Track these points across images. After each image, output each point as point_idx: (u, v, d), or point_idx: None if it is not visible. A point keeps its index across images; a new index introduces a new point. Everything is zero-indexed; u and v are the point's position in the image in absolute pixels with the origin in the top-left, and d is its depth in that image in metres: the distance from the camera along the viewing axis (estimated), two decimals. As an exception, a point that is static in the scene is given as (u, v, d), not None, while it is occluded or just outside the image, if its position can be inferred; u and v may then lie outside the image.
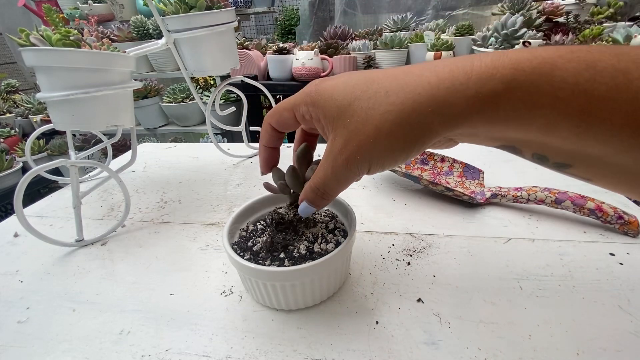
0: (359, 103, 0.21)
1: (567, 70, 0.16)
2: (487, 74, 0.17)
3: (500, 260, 0.35)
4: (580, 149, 0.18)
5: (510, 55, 0.17)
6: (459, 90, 0.18)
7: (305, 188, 0.26)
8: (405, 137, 0.20)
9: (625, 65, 0.15)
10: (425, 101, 0.19)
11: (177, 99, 1.69)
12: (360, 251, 0.38)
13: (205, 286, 0.34)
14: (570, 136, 0.17)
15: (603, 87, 0.15)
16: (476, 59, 0.18)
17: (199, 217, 0.47)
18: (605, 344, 0.26)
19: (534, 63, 0.16)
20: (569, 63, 0.16)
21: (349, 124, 0.21)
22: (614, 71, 0.15)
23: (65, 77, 0.37)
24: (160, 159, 0.68)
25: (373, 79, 0.21)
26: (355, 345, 0.27)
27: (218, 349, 0.28)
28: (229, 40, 0.53)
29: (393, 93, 0.20)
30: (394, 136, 0.20)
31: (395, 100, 0.19)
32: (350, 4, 2.08)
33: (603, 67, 0.15)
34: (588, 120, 0.16)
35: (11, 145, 1.69)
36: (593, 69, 0.15)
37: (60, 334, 0.30)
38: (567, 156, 0.19)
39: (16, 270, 0.38)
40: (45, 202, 0.54)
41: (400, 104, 0.19)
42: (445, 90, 0.18)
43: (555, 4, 1.36)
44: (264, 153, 0.29)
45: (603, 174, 0.19)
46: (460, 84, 0.18)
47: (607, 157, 0.17)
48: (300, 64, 1.34)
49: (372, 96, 0.20)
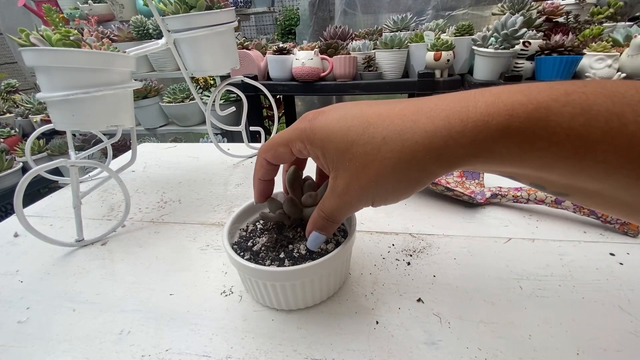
0: (356, 148, 0.21)
1: (562, 115, 0.16)
2: (482, 121, 0.17)
3: (500, 260, 0.35)
4: (577, 184, 0.18)
5: (505, 100, 0.17)
6: (456, 139, 0.18)
7: (314, 218, 0.26)
8: (405, 180, 0.21)
9: (620, 108, 0.15)
10: (423, 149, 0.19)
11: (177, 99, 1.69)
12: (360, 251, 0.38)
13: (205, 286, 0.34)
14: (565, 174, 0.17)
15: (598, 131, 0.15)
16: (472, 103, 0.18)
17: (199, 217, 0.47)
18: (605, 344, 0.26)
19: (529, 108, 0.16)
20: (563, 108, 0.16)
21: (349, 167, 0.22)
22: (608, 115, 0.15)
23: (65, 77, 0.37)
24: (160, 159, 0.68)
25: (369, 122, 0.21)
26: (355, 345, 0.27)
27: (218, 349, 0.28)
28: (229, 40, 0.53)
29: (390, 140, 0.20)
30: (395, 180, 0.21)
31: (393, 147, 0.20)
32: (350, 4, 2.08)
33: (598, 110, 0.15)
34: (583, 162, 0.16)
35: (11, 145, 1.69)
36: (588, 113, 0.15)
37: (60, 334, 0.30)
38: (564, 188, 0.19)
39: (16, 270, 0.38)
40: (45, 202, 0.54)
41: (398, 151, 0.20)
42: (442, 139, 0.19)
43: (555, 4, 1.35)
44: (258, 186, 0.30)
45: (600, 204, 0.19)
46: (456, 133, 0.18)
47: (604, 191, 0.17)
48: (300, 64, 1.34)
49: (369, 141, 0.21)
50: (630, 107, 0.15)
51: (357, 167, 0.21)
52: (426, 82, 1.29)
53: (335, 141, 0.22)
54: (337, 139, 0.22)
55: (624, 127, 0.15)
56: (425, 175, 0.21)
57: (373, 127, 0.21)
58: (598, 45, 1.13)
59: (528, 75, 1.20)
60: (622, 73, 1.11)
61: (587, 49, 1.15)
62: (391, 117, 0.21)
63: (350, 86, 1.36)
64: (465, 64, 1.35)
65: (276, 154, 0.26)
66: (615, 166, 0.16)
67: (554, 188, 0.20)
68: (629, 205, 0.18)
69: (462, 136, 0.18)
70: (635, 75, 1.09)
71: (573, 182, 0.18)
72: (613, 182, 0.16)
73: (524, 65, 1.19)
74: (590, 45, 1.15)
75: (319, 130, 0.23)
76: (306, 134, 0.23)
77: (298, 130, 0.24)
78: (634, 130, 0.15)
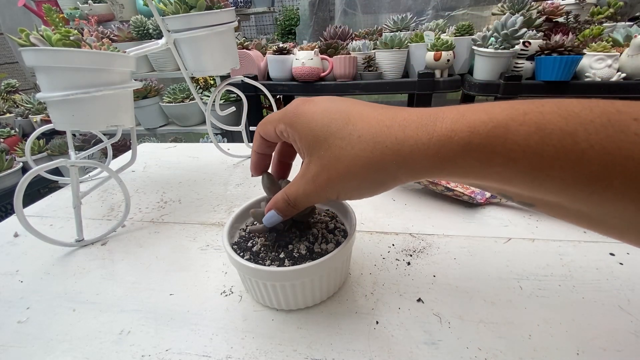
0: (333, 140, 0.22)
1: (518, 133, 0.17)
2: (446, 136, 0.19)
3: (500, 260, 0.35)
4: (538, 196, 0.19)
5: (469, 118, 0.18)
6: (421, 150, 0.20)
7: (277, 197, 0.27)
8: (371, 180, 0.22)
9: (573, 127, 0.16)
10: (391, 154, 0.20)
11: (177, 99, 1.69)
12: (360, 251, 0.38)
13: (205, 286, 0.34)
14: (525, 187, 0.18)
15: (552, 148, 0.16)
16: (439, 119, 0.20)
17: (199, 217, 0.47)
18: (605, 344, 0.26)
19: (488, 126, 0.18)
20: (520, 126, 0.17)
21: (323, 156, 0.23)
22: (562, 133, 0.16)
23: (65, 77, 0.37)
24: (160, 159, 0.68)
25: (349, 118, 0.22)
26: (355, 345, 0.27)
27: (218, 349, 0.28)
28: (229, 40, 0.53)
29: (364, 140, 0.21)
30: (362, 177, 0.22)
31: (365, 147, 0.21)
32: (350, 4, 2.08)
33: (552, 129, 0.16)
34: (540, 177, 0.17)
35: (11, 145, 1.69)
36: (542, 131, 0.16)
37: (60, 334, 0.30)
38: (528, 198, 0.20)
39: (16, 270, 0.38)
40: (45, 202, 0.54)
41: (369, 151, 0.21)
42: (409, 147, 0.20)
43: (555, 4, 1.35)
44: (254, 158, 0.31)
45: (564, 215, 0.20)
46: (422, 144, 0.19)
47: (564, 204, 0.18)
48: (300, 64, 1.34)
49: (345, 136, 0.22)
50: (582, 127, 0.16)
51: (330, 158, 0.22)
52: (426, 82, 1.29)
53: (316, 129, 0.23)
54: (318, 128, 0.23)
55: (576, 145, 0.16)
56: (390, 179, 0.22)
57: (352, 124, 0.22)
58: (598, 45, 1.13)
59: (528, 75, 1.20)
60: (622, 73, 1.11)
61: (587, 49, 1.15)
62: (370, 119, 0.22)
63: (350, 86, 1.36)
64: (465, 64, 1.35)
65: (265, 130, 0.27)
66: (568, 182, 0.16)
67: (520, 199, 0.21)
68: (590, 217, 0.19)
69: (427, 148, 0.19)
70: (635, 75, 1.09)
71: (534, 194, 0.19)
72: (569, 195, 0.17)
73: (524, 65, 1.19)
74: (590, 45, 1.15)
75: (303, 115, 0.24)
76: (289, 117, 0.24)
77: (284, 111, 0.25)
78: (585, 147, 0.16)
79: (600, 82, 1.12)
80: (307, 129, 0.23)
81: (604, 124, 0.16)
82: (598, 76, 1.12)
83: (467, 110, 0.19)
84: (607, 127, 0.15)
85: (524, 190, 0.19)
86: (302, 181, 0.25)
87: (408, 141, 0.20)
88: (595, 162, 0.16)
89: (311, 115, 0.24)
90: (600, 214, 0.18)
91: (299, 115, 0.24)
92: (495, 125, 0.17)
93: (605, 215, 0.17)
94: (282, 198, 0.26)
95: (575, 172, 0.16)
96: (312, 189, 0.24)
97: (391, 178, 0.22)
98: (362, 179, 0.22)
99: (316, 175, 0.23)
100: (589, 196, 0.17)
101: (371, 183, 0.22)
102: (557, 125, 0.16)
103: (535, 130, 0.17)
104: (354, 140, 0.22)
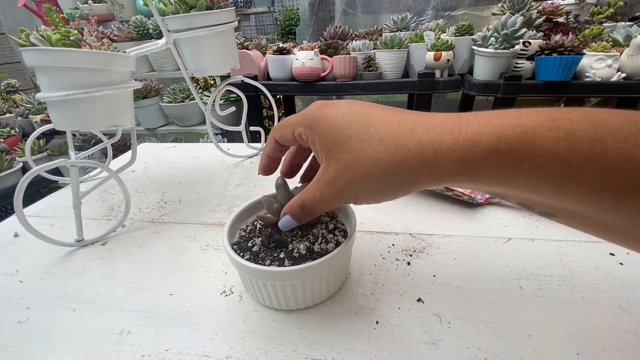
0: (353, 143, 0.22)
1: (547, 139, 0.17)
2: (472, 140, 0.18)
3: (500, 260, 0.35)
4: (562, 205, 0.18)
5: (495, 123, 0.18)
6: (446, 154, 0.19)
7: (292, 203, 0.27)
8: (391, 184, 0.22)
9: (602, 134, 0.16)
10: (414, 157, 0.20)
11: (177, 99, 1.69)
12: (360, 251, 0.38)
13: (205, 286, 0.34)
14: (550, 195, 0.18)
15: (581, 155, 0.16)
16: (464, 123, 0.19)
17: (199, 217, 0.47)
18: (605, 344, 0.26)
19: (516, 132, 0.17)
20: (549, 132, 0.17)
21: (342, 159, 0.22)
22: (590, 140, 0.16)
23: (65, 77, 0.37)
24: (160, 159, 0.68)
25: (370, 121, 0.22)
26: (355, 345, 0.27)
27: (218, 349, 0.28)
28: (229, 40, 0.53)
29: (386, 143, 0.21)
30: (381, 181, 0.22)
31: (387, 149, 0.21)
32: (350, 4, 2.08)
33: (581, 136, 0.16)
34: (567, 184, 0.17)
35: (11, 145, 1.69)
36: (572, 138, 0.16)
37: (60, 334, 0.30)
38: (550, 209, 0.20)
39: (16, 270, 0.38)
40: (45, 202, 0.54)
41: (391, 154, 0.21)
42: (433, 151, 0.19)
43: (555, 4, 1.35)
44: (264, 160, 0.31)
45: (587, 226, 0.20)
46: (447, 148, 0.19)
47: (589, 213, 0.18)
48: (300, 64, 1.34)
49: (366, 139, 0.22)
50: (611, 134, 0.16)
51: (350, 161, 0.22)
52: (426, 82, 1.29)
53: (336, 132, 0.23)
54: (338, 131, 0.23)
55: (605, 152, 0.16)
56: (411, 184, 0.21)
57: (373, 127, 0.22)
58: (598, 45, 1.13)
59: (528, 75, 1.20)
60: (622, 73, 1.11)
61: (587, 49, 1.15)
62: (392, 122, 0.22)
63: (351, 86, 1.36)
64: (465, 64, 1.35)
65: (282, 133, 0.27)
66: (597, 189, 0.16)
67: (541, 209, 0.21)
68: (615, 229, 0.18)
69: (452, 152, 0.19)
70: (635, 75, 1.09)
71: (558, 203, 0.18)
72: (596, 204, 0.17)
73: (524, 65, 1.19)
74: (590, 45, 1.15)
75: (323, 119, 0.23)
76: (309, 120, 0.24)
77: (304, 115, 0.25)
78: (615, 155, 0.15)
79: (600, 82, 1.12)
80: (327, 132, 0.23)
81: (632, 132, 0.15)
82: (598, 76, 1.12)
83: (493, 115, 0.19)
84: (636, 135, 0.15)
85: (548, 198, 0.18)
86: (318, 185, 0.24)
87: (432, 144, 0.19)
88: (625, 170, 0.15)
89: (332, 118, 0.23)
90: (626, 224, 0.17)
91: (319, 118, 0.24)
92: (523, 131, 0.17)
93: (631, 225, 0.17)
94: (297, 203, 0.26)
95: (604, 179, 0.16)
96: (329, 192, 0.24)
97: (412, 182, 0.21)
98: (382, 182, 0.22)
99: (334, 178, 0.23)
100: (617, 205, 0.16)
101: (391, 187, 0.22)
102: (586, 132, 0.16)
103: (564, 137, 0.16)
104: (375, 142, 0.21)
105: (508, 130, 0.17)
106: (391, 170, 0.21)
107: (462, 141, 0.19)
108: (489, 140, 0.18)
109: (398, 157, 0.20)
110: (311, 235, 0.31)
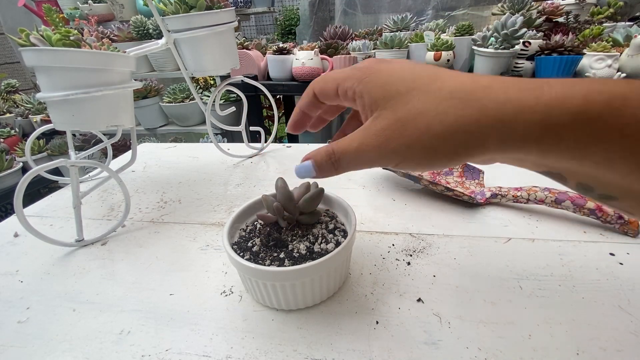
0: (417, 93, 0.19)
1: (638, 107, 0.15)
2: (557, 100, 0.16)
3: (500, 260, 0.35)
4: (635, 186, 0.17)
5: (582, 85, 0.16)
6: (526, 113, 0.17)
7: (319, 149, 0.23)
8: (453, 144, 0.19)
9: None
10: (491, 114, 0.17)
11: (177, 99, 1.69)
12: (360, 251, 0.38)
13: (205, 286, 0.34)
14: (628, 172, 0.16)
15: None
16: (545, 84, 0.17)
17: (199, 217, 0.47)
18: (605, 344, 0.26)
19: (604, 96, 0.16)
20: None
21: (399, 110, 0.20)
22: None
23: (65, 77, 0.37)
24: (160, 159, 0.68)
25: (438, 76, 0.20)
26: (355, 345, 0.27)
27: (218, 349, 0.28)
28: (229, 40, 0.53)
29: (457, 97, 0.18)
30: (442, 139, 0.19)
31: (457, 104, 0.18)
32: (350, 4, 2.08)
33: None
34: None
35: (11, 145, 1.69)
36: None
37: (60, 334, 0.30)
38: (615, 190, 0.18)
39: (16, 270, 0.38)
40: (45, 202, 0.54)
41: (461, 108, 0.18)
42: (512, 110, 0.17)
43: (555, 4, 1.35)
44: (297, 116, 0.28)
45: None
46: (528, 107, 0.17)
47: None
48: (300, 64, 1.34)
49: (433, 91, 0.19)
50: None
51: (410, 112, 0.19)
52: (426, 82, 1.29)
53: (397, 83, 0.20)
54: (399, 82, 0.20)
55: None
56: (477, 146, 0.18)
57: (441, 81, 0.19)
58: (598, 45, 1.13)
59: (528, 75, 1.20)
60: (622, 73, 1.11)
61: (587, 49, 1.15)
62: (462, 78, 0.19)
63: (350, 86, 1.36)
64: (465, 64, 1.35)
65: (324, 86, 0.24)
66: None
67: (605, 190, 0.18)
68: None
69: (533, 112, 0.17)
70: (635, 75, 1.09)
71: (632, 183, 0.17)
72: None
73: (524, 65, 1.19)
74: (590, 45, 1.15)
75: (379, 72, 0.21)
76: (362, 71, 0.22)
77: (355, 68, 0.23)
78: None
79: (600, 82, 1.12)
80: (384, 84, 0.21)
81: None
82: (598, 76, 1.12)
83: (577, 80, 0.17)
84: None
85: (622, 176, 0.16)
86: (358, 135, 0.21)
87: (511, 103, 0.17)
88: None
89: (390, 71, 0.21)
90: None
91: (375, 72, 0.21)
92: (613, 96, 0.15)
93: None
94: (325, 150, 0.22)
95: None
96: (372, 144, 0.20)
97: (479, 145, 0.18)
98: (444, 140, 0.19)
99: (385, 128, 0.20)
100: None
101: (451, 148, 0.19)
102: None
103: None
104: (444, 95, 0.19)
105: (597, 95, 0.16)
106: (459, 127, 0.18)
107: (546, 101, 0.16)
108: (575, 103, 0.16)
109: (470, 112, 0.18)
110: (311, 235, 0.31)
